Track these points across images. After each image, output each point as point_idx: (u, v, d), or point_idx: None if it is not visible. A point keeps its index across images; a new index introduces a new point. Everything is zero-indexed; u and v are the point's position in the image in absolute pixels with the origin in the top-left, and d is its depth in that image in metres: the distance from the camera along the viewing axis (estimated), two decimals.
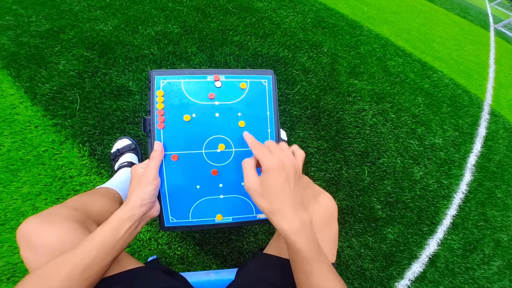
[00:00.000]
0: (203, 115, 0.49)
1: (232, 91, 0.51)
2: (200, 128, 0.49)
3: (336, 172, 1.13)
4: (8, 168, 0.86)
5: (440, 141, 1.37)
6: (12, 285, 0.75)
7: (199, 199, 0.51)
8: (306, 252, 0.38)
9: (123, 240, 0.41)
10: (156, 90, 0.48)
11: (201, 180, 0.50)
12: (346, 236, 1.01)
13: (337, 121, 1.24)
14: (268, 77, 0.52)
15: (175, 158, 0.49)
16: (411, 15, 2.41)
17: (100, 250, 0.39)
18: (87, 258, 0.38)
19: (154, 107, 0.48)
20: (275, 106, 0.53)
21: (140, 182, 0.44)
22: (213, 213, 0.51)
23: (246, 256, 0.93)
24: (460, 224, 1.16)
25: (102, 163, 0.92)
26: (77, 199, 0.58)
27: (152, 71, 0.49)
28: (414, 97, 1.52)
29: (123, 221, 0.41)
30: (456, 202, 1.21)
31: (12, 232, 0.80)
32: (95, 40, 1.22)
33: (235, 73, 0.51)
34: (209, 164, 0.50)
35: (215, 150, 0.50)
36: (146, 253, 0.87)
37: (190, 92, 0.49)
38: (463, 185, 1.27)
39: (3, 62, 1.07)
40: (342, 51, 1.54)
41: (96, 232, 0.41)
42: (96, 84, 1.08)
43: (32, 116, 0.96)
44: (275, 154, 0.39)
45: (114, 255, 0.41)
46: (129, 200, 0.43)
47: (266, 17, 1.56)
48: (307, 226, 0.39)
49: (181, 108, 0.49)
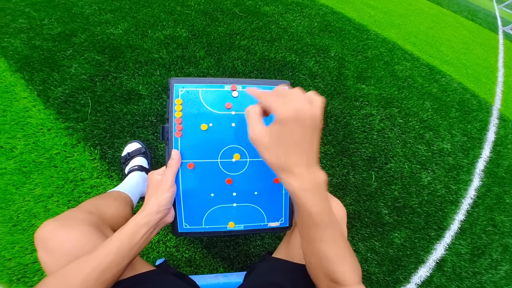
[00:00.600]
0: (219, 125, 0.50)
1: (249, 101, 0.51)
2: (216, 138, 0.50)
3: (343, 177, 1.13)
4: (21, 170, 0.88)
5: (448, 146, 1.36)
6: (22, 285, 0.76)
7: (213, 207, 0.52)
8: (317, 216, 0.34)
9: (139, 245, 0.42)
10: (175, 98, 0.49)
11: (215, 188, 0.51)
12: (353, 241, 1.01)
13: (344, 126, 1.24)
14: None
15: (192, 166, 0.50)
16: (418, 18, 2.39)
17: (117, 255, 0.40)
18: (104, 262, 0.39)
19: (172, 115, 0.49)
20: None
21: (157, 189, 0.45)
22: (225, 221, 0.52)
23: (253, 260, 0.94)
24: (468, 229, 1.15)
25: (113, 166, 0.93)
26: (91, 202, 0.60)
27: (171, 79, 0.49)
28: (422, 102, 1.51)
29: (139, 227, 0.42)
30: (464, 208, 1.20)
31: (24, 233, 0.81)
32: (106, 44, 1.24)
33: (253, 83, 0.52)
34: (224, 173, 0.51)
35: (230, 160, 0.51)
36: (154, 255, 0.88)
37: (207, 101, 0.50)
38: (471, 191, 1.26)
39: (16, 65, 1.09)
40: (349, 55, 1.54)
41: (113, 237, 0.42)
42: (107, 87, 1.09)
43: (44, 119, 0.98)
44: (289, 102, 0.32)
45: (129, 259, 0.42)
46: (146, 206, 0.44)
47: (273, 21, 1.57)
48: (322, 187, 0.34)
49: (198, 117, 0.49)
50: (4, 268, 0.77)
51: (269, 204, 0.54)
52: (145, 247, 0.46)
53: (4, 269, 0.77)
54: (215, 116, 0.50)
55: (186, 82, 0.50)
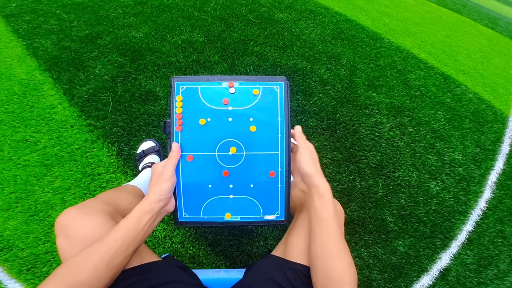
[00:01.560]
0: (217, 120, 0.54)
1: (245, 97, 0.54)
2: (214, 132, 0.54)
3: (349, 184, 1.13)
4: (43, 163, 0.95)
5: (460, 157, 1.34)
6: (31, 275, 0.80)
7: (210, 198, 0.55)
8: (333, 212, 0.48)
9: (143, 232, 0.46)
10: (176, 95, 0.53)
11: (213, 180, 0.55)
12: (356, 246, 1.01)
13: (352, 133, 1.25)
14: (280, 84, 0.55)
15: (191, 158, 0.54)
16: (435, 26, 2.35)
17: (123, 241, 0.43)
18: (113, 249, 0.43)
19: (173, 111, 0.53)
20: (286, 112, 0.55)
21: (159, 179, 0.49)
22: (222, 212, 0.56)
23: (255, 259, 0.96)
24: (476, 240, 1.13)
25: (128, 163, 0.99)
26: (107, 194, 0.65)
27: (173, 78, 0.54)
28: (434, 112, 1.49)
29: (144, 213, 0.46)
30: (473, 219, 1.17)
31: (39, 224, 0.86)
32: (128, 46, 1.32)
33: (249, 79, 0.55)
34: (221, 165, 0.54)
35: (227, 153, 0.54)
36: (160, 250, 0.92)
37: (206, 98, 0.54)
38: (481, 202, 1.23)
39: (45, 65, 1.18)
40: (361, 63, 1.55)
41: (120, 224, 0.45)
42: (127, 88, 1.16)
43: (68, 116, 1.06)
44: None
45: (135, 245, 0.46)
46: (149, 195, 0.48)
47: (286, 28, 1.60)
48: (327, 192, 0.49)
49: (197, 112, 0.54)
50: (16, 258, 0.82)
51: (265, 197, 0.56)
52: (150, 235, 0.50)
53: (16, 259, 0.82)
54: (213, 111, 0.54)
55: (187, 80, 0.54)
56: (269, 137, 0.55)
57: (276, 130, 0.55)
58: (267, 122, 0.55)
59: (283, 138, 0.55)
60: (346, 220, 1.05)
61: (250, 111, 0.54)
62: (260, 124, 0.55)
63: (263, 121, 0.55)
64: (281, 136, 0.55)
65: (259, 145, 0.55)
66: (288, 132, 0.55)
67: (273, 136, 0.55)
